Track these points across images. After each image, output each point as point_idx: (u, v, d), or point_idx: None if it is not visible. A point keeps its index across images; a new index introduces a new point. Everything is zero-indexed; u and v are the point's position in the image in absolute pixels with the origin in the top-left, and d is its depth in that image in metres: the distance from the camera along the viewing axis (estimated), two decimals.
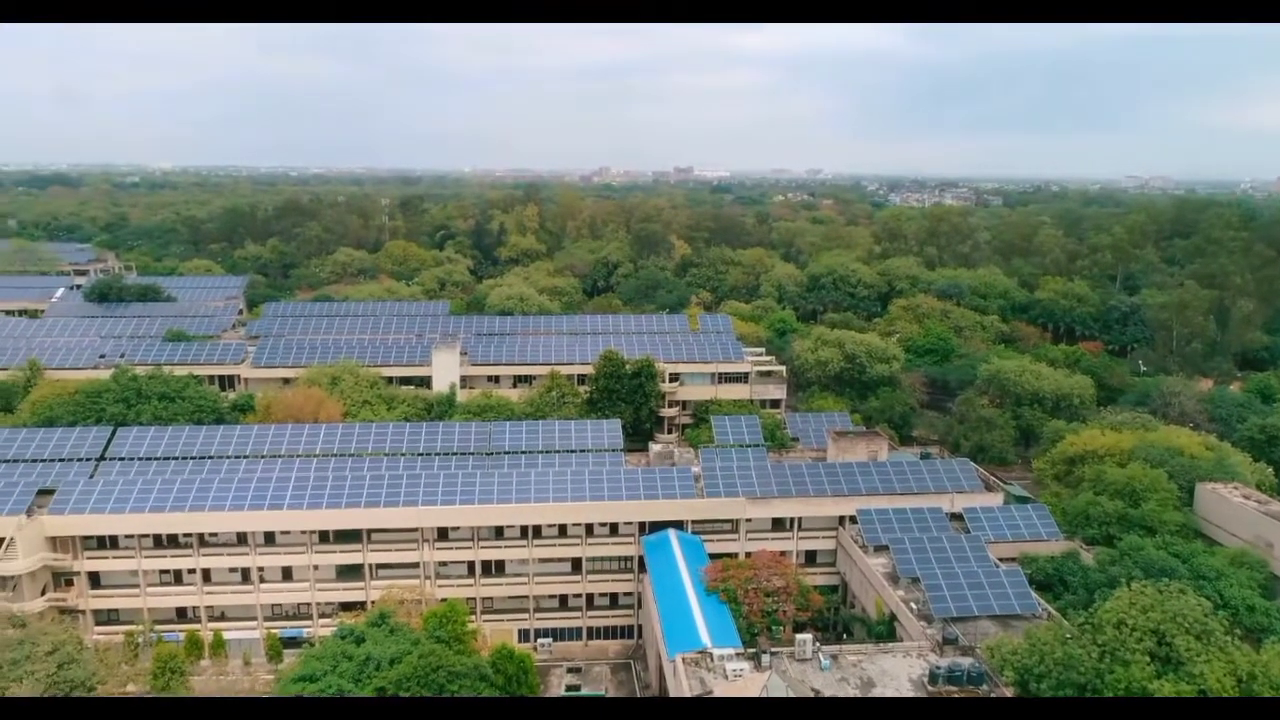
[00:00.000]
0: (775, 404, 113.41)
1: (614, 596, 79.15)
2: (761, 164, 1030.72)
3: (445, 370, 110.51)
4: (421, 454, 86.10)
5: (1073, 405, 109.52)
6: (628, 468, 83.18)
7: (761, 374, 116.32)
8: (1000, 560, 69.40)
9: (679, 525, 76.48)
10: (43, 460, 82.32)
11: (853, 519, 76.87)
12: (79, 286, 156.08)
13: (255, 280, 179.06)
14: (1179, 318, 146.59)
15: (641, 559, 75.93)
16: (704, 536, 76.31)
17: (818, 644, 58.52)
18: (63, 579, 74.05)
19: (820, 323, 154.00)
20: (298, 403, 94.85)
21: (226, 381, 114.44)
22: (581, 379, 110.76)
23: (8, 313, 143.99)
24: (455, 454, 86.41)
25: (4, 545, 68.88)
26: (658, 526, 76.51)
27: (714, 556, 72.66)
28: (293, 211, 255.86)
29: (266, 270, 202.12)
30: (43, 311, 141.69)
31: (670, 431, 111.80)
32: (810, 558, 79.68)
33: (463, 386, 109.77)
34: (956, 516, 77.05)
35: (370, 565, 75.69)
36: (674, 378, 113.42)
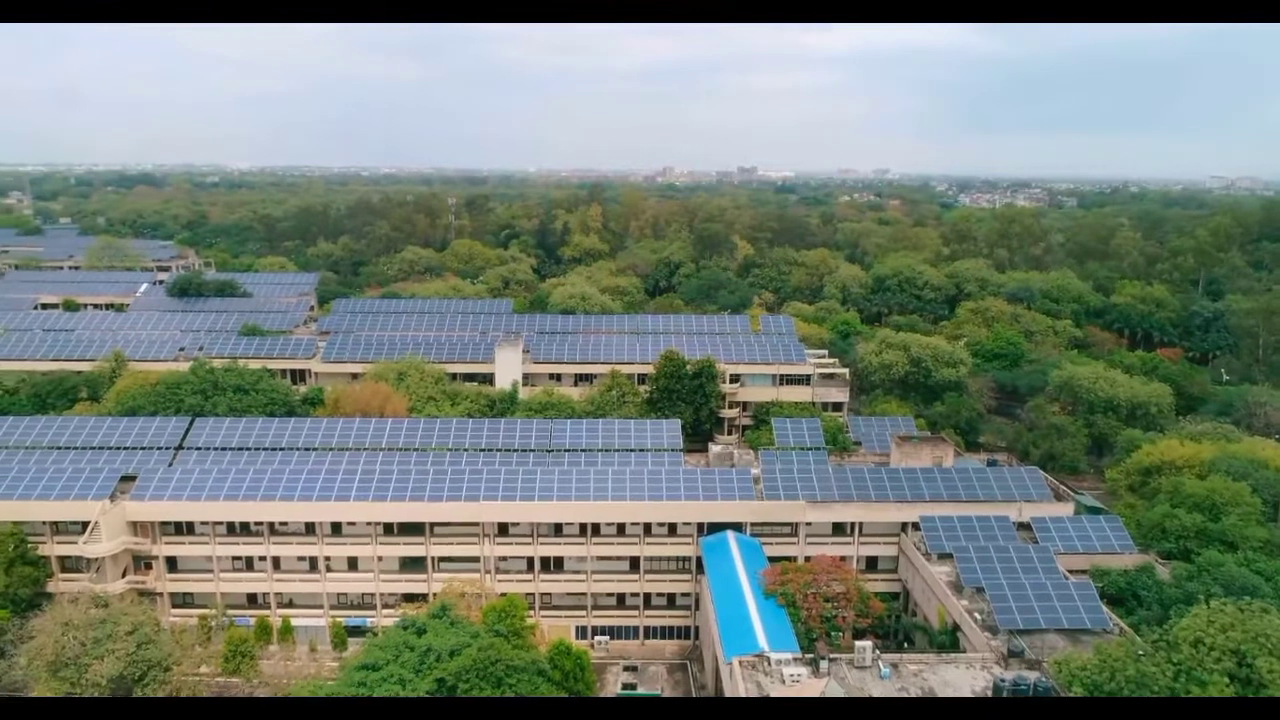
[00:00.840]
0: (837, 407, 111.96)
1: (671, 597, 79.16)
2: (827, 164, 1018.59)
3: (508, 367, 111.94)
4: (483, 450, 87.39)
5: (1149, 414, 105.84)
6: (687, 468, 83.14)
7: (824, 376, 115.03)
8: (1070, 572, 67.35)
9: (738, 527, 76.13)
10: (125, 448, 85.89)
11: (915, 526, 75.44)
12: (161, 282, 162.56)
13: (326, 277, 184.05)
14: (1266, 324, 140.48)
15: (699, 560, 75.76)
16: (763, 539, 75.80)
17: (877, 652, 57.66)
18: (142, 562, 77.21)
19: (885, 325, 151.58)
20: (365, 397, 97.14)
21: (297, 375, 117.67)
22: (642, 378, 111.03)
23: (95, 306, 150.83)
24: (516, 450, 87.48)
25: (89, 529, 72.18)
26: (716, 527, 76.30)
27: (773, 559, 72.10)
28: (363, 211, 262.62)
29: (337, 267, 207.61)
30: (128, 305, 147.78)
31: (730, 433, 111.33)
32: (871, 564, 78.54)
33: (525, 384, 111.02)
34: (1024, 526, 75.11)
35: (432, 558, 77.13)
36: (735, 379, 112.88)
